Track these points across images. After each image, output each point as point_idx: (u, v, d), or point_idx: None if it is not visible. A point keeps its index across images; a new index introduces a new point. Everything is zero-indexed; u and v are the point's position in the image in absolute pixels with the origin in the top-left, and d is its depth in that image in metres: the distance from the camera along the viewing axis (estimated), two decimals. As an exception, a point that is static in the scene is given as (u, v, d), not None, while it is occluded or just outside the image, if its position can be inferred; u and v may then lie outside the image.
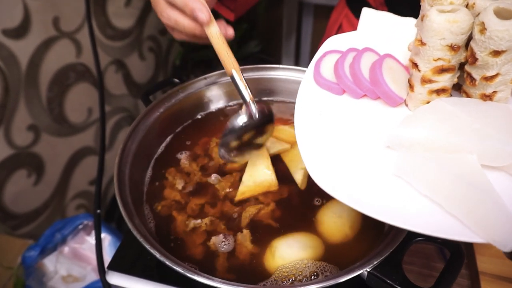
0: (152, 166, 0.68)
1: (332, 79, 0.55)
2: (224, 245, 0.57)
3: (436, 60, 0.46)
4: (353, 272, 0.46)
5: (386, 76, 0.52)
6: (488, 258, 0.68)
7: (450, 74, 0.47)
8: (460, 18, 0.42)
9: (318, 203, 0.61)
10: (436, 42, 0.44)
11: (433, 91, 0.48)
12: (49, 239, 1.16)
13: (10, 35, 1.14)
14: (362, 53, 0.55)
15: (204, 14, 0.53)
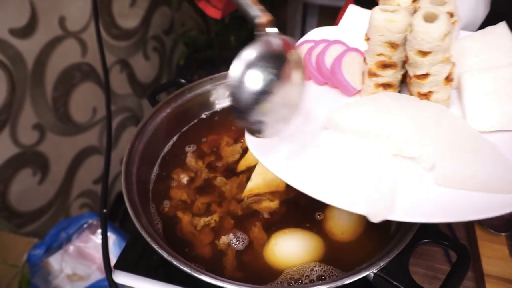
0: (159, 165, 0.69)
1: None
2: (233, 243, 0.57)
3: (378, 55, 0.50)
4: (359, 273, 0.46)
5: (345, 67, 0.56)
6: (494, 260, 0.67)
7: (392, 70, 0.50)
8: (397, 18, 0.46)
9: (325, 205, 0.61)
10: (377, 38, 0.48)
11: (379, 85, 0.52)
12: (54, 238, 1.16)
13: (16, 34, 1.15)
14: (330, 45, 0.60)
15: None
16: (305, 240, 0.57)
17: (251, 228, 0.59)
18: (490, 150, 0.44)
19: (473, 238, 0.72)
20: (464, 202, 0.41)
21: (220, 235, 0.58)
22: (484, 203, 0.41)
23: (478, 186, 0.42)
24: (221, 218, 0.60)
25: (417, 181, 0.45)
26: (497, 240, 0.70)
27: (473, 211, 0.40)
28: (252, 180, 0.62)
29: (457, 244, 0.49)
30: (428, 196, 0.43)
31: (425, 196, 0.43)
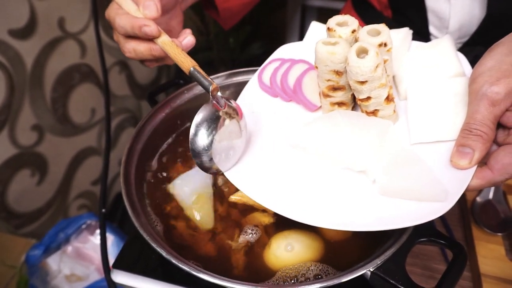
0: (158, 165, 0.69)
1: (269, 84, 0.65)
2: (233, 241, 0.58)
3: (327, 80, 0.55)
4: (356, 271, 0.46)
5: (305, 86, 0.62)
6: (491, 260, 0.68)
7: (342, 92, 0.56)
8: (337, 51, 0.51)
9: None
10: (323, 68, 0.53)
11: (334, 103, 0.58)
12: (53, 238, 1.16)
13: (16, 35, 1.15)
14: (294, 64, 0.65)
15: (150, 28, 0.54)
16: (302, 240, 0.57)
17: (253, 229, 0.59)
18: (422, 164, 0.49)
19: (469, 238, 0.73)
20: (402, 212, 0.47)
21: (216, 235, 0.59)
22: (418, 211, 0.46)
23: (412, 196, 0.47)
24: (222, 217, 0.60)
25: (364, 193, 0.50)
26: (494, 240, 0.71)
27: (409, 219, 0.45)
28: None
29: (453, 242, 0.50)
30: (373, 206, 0.48)
31: (369, 206, 0.48)
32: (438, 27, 0.81)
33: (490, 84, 0.45)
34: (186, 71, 0.54)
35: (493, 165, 0.46)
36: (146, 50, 0.57)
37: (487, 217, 0.74)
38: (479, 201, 0.76)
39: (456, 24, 0.78)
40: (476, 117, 0.46)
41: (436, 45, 0.61)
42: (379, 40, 0.52)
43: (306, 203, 0.50)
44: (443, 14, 0.78)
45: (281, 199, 0.50)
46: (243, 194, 0.60)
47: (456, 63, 0.57)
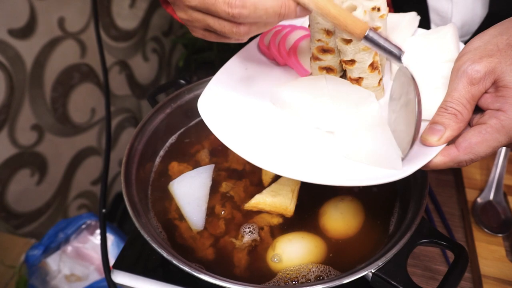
0: (158, 165, 0.69)
1: (267, 45, 0.66)
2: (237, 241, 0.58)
3: (318, 40, 0.55)
4: (358, 273, 0.46)
5: (300, 51, 0.62)
6: (491, 261, 0.68)
7: (331, 55, 0.56)
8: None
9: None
10: (315, 25, 0.53)
11: (322, 68, 0.58)
12: (53, 238, 1.16)
13: (16, 35, 1.15)
14: (294, 30, 0.66)
15: None
16: (304, 241, 0.57)
17: (257, 230, 0.59)
18: (387, 133, 0.49)
19: (470, 239, 0.73)
20: (360, 173, 0.48)
21: (219, 236, 0.59)
22: (373, 174, 0.47)
23: (370, 161, 0.48)
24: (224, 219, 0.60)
25: (330, 152, 0.51)
26: (494, 241, 0.71)
27: (362, 179, 0.46)
28: (262, 194, 0.61)
29: (455, 244, 0.50)
30: (336, 164, 0.49)
31: (333, 165, 0.49)
32: (440, 25, 0.81)
33: (471, 61, 0.44)
34: (359, 35, 0.43)
35: (460, 143, 0.44)
36: (275, 7, 0.42)
37: (487, 218, 0.73)
38: (479, 202, 0.76)
39: (458, 23, 0.78)
40: (453, 95, 0.45)
41: (438, 31, 0.60)
42: (373, 3, 0.51)
43: (277, 155, 0.50)
44: (445, 12, 0.78)
45: (254, 149, 0.50)
46: (257, 202, 0.60)
47: (453, 50, 0.56)
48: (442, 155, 0.45)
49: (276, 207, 0.60)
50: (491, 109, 0.44)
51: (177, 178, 0.65)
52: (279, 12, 0.42)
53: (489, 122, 0.43)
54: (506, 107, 0.42)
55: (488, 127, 0.43)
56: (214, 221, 0.60)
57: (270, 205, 0.60)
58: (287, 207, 0.60)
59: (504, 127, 0.42)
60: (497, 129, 0.43)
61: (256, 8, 0.42)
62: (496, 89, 0.44)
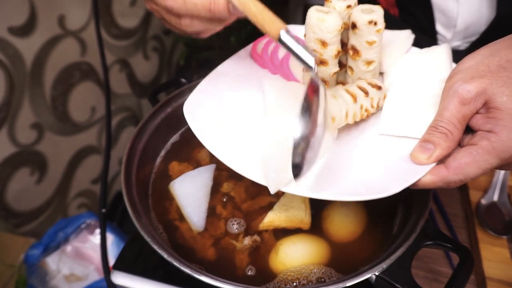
0: (159, 165, 0.68)
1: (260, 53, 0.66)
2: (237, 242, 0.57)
3: (312, 51, 0.53)
4: (361, 275, 0.45)
5: (293, 61, 0.61)
6: (495, 263, 0.67)
7: (325, 67, 0.55)
8: (327, 19, 0.50)
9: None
10: (310, 35, 0.52)
11: None
12: (52, 238, 1.15)
13: (15, 33, 1.14)
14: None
15: None
16: (306, 243, 0.57)
17: (260, 232, 0.58)
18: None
19: (474, 241, 0.72)
20: (346, 187, 0.47)
21: (220, 238, 0.58)
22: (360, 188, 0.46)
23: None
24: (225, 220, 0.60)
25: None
26: (499, 243, 0.70)
27: (369, 192, 0.45)
28: (274, 210, 0.59)
29: (460, 246, 0.49)
30: (322, 176, 0.49)
31: (320, 176, 0.49)
32: (446, 25, 0.80)
33: (463, 81, 0.44)
34: (274, 36, 0.43)
35: (450, 163, 0.44)
36: (204, 2, 0.45)
37: (492, 220, 0.73)
38: (483, 204, 0.75)
39: (464, 23, 0.77)
40: (444, 114, 0.45)
41: (432, 51, 0.61)
42: (370, 17, 0.51)
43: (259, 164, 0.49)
44: (451, 12, 0.77)
45: (240, 157, 0.50)
46: (271, 220, 0.58)
47: (445, 69, 0.57)
48: (432, 174, 0.45)
49: (292, 221, 0.58)
50: (482, 130, 0.44)
51: (178, 178, 0.64)
52: (209, 7, 0.46)
53: (480, 143, 0.43)
54: (497, 129, 0.42)
55: (479, 148, 0.43)
56: (215, 222, 0.60)
57: (286, 221, 0.57)
58: (303, 219, 0.58)
59: (495, 149, 0.42)
60: (488, 151, 0.42)
61: (185, 2, 0.45)
62: (487, 110, 0.44)
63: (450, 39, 0.82)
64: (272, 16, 0.44)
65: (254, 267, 0.55)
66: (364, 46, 0.54)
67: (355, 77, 0.57)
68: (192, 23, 0.49)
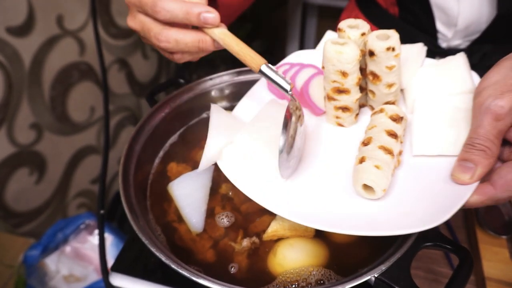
0: (157, 166, 0.68)
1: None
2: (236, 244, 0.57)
3: (333, 82, 0.54)
4: (360, 277, 0.45)
5: (312, 89, 0.61)
6: (495, 263, 0.67)
7: (347, 95, 0.55)
8: (344, 51, 0.51)
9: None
10: (330, 67, 0.53)
11: (338, 107, 0.57)
12: (51, 238, 1.15)
13: (14, 32, 1.14)
14: (303, 68, 0.65)
15: (213, 14, 0.48)
16: (305, 245, 0.56)
17: (259, 234, 0.58)
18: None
19: (473, 241, 0.72)
20: (388, 220, 0.46)
21: (218, 240, 0.58)
22: (405, 219, 0.46)
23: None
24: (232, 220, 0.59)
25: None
26: (498, 243, 0.70)
27: (391, 228, 0.45)
28: (277, 220, 0.58)
29: (459, 247, 0.49)
30: (365, 213, 0.48)
31: (361, 213, 0.48)
32: (446, 24, 0.80)
33: (494, 97, 0.44)
34: (256, 69, 0.50)
35: (496, 181, 0.44)
36: (194, 42, 0.50)
37: (491, 220, 0.73)
38: (483, 203, 0.75)
39: (465, 22, 0.77)
40: (479, 132, 0.45)
41: (449, 61, 0.60)
42: (387, 44, 0.51)
43: (301, 205, 0.50)
44: (452, 11, 0.76)
45: (276, 199, 0.51)
46: (275, 230, 0.57)
47: (468, 80, 0.56)
48: (478, 194, 0.45)
49: (296, 230, 0.57)
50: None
51: (177, 179, 0.64)
52: (198, 45, 0.51)
53: None
54: None
55: None
56: (214, 223, 0.60)
57: (290, 229, 0.57)
58: (307, 227, 0.57)
59: None
60: None
61: (178, 42, 0.50)
62: None
63: (451, 38, 0.81)
64: (253, 53, 0.50)
65: (253, 269, 0.55)
66: (384, 71, 0.54)
67: (377, 100, 0.58)
68: (183, 57, 0.55)
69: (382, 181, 0.48)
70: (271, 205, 0.49)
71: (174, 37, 0.50)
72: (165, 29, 0.50)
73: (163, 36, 0.50)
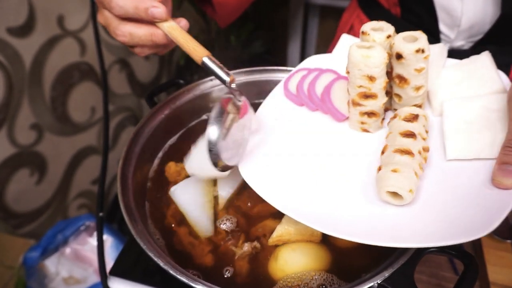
0: (157, 169, 0.67)
1: (295, 92, 0.64)
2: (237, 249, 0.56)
3: (359, 87, 0.53)
4: (363, 284, 0.44)
5: (334, 95, 0.60)
6: (500, 268, 0.66)
7: (374, 100, 0.53)
8: (372, 54, 0.50)
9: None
10: (356, 72, 0.51)
11: (363, 113, 0.55)
12: (51, 240, 1.15)
13: (14, 33, 1.13)
14: (322, 73, 0.63)
15: (159, 10, 0.50)
16: (307, 249, 0.55)
17: (259, 237, 0.57)
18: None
19: (478, 245, 0.70)
20: (420, 229, 0.44)
21: (218, 243, 0.57)
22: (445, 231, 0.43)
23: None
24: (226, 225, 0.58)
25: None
26: (503, 247, 0.69)
27: (431, 239, 0.42)
28: (282, 224, 0.56)
29: (464, 253, 0.47)
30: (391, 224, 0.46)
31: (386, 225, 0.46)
32: (449, 25, 0.79)
33: None
34: (198, 61, 0.51)
35: None
36: (146, 35, 0.53)
37: (496, 223, 0.71)
38: (487, 207, 0.74)
39: (468, 22, 0.76)
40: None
41: (473, 61, 0.58)
42: (416, 46, 0.50)
43: (317, 210, 0.49)
44: (455, 11, 0.75)
45: (297, 205, 0.49)
46: (280, 234, 0.56)
47: (496, 80, 0.54)
48: None
49: (302, 235, 0.55)
50: None
51: (180, 183, 0.62)
52: (151, 39, 0.54)
53: None
54: None
55: None
56: (215, 227, 0.59)
57: (295, 234, 0.55)
58: (313, 231, 0.55)
59: None
60: None
61: (132, 36, 0.53)
62: None
63: (454, 38, 0.80)
64: (197, 45, 0.52)
65: (253, 274, 0.54)
66: (412, 74, 0.52)
67: (404, 103, 0.56)
68: (143, 50, 0.58)
69: (404, 183, 0.45)
70: (288, 209, 0.48)
71: (129, 31, 0.53)
72: (121, 24, 0.53)
73: (119, 30, 0.53)
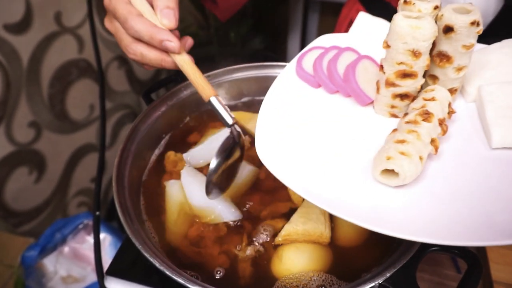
0: (153, 167, 0.66)
1: (311, 72, 0.58)
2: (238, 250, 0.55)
3: (399, 64, 0.47)
4: (364, 284, 0.43)
5: (358, 75, 0.54)
6: (503, 266, 0.65)
7: (412, 80, 0.48)
8: (422, 25, 0.44)
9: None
10: (399, 46, 0.46)
11: (396, 95, 0.50)
12: (49, 238, 1.14)
13: (11, 30, 1.12)
14: (342, 52, 0.58)
15: (173, 43, 0.52)
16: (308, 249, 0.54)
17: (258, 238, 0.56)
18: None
19: (481, 242, 0.69)
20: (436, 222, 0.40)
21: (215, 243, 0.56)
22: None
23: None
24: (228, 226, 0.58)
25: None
26: (506, 245, 0.68)
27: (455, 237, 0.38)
28: (291, 223, 0.55)
29: (467, 252, 0.47)
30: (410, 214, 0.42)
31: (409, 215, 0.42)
32: None
33: None
34: (205, 99, 0.53)
35: None
36: (157, 60, 0.55)
37: (499, 221, 0.70)
38: (490, 204, 0.73)
39: None
40: None
41: (506, 46, 0.54)
42: (472, 18, 0.45)
43: (339, 196, 0.44)
44: (457, 2, 0.74)
45: (318, 190, 0.44)
46: (288, 233, 0.54)
47: None
48: None
49: (310, 235, 0.53)
50: None
51: (178, 180, 0.61)
52: (161, 64, 0.55)
53: None
54: None
55: None
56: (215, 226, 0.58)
57: (303, 234, 0.53)
58: (322, 232, 0.53)
59: None
60: None
61: (143, 57, 0.55)
62: None
63: (456, 31, 0.79)
64: (206, 83, 0.53)
65: (251, 275, 0.53)
66: (458, 51, 0.47)
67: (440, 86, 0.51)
68: (151, 67, 0.59)
69: (405, 161, 0.41)
70: (308, 194, 0.43)
71: (141, 51, 0.54)
72: (133, 43, 0.54)
73: (131, 48, 0.55)
